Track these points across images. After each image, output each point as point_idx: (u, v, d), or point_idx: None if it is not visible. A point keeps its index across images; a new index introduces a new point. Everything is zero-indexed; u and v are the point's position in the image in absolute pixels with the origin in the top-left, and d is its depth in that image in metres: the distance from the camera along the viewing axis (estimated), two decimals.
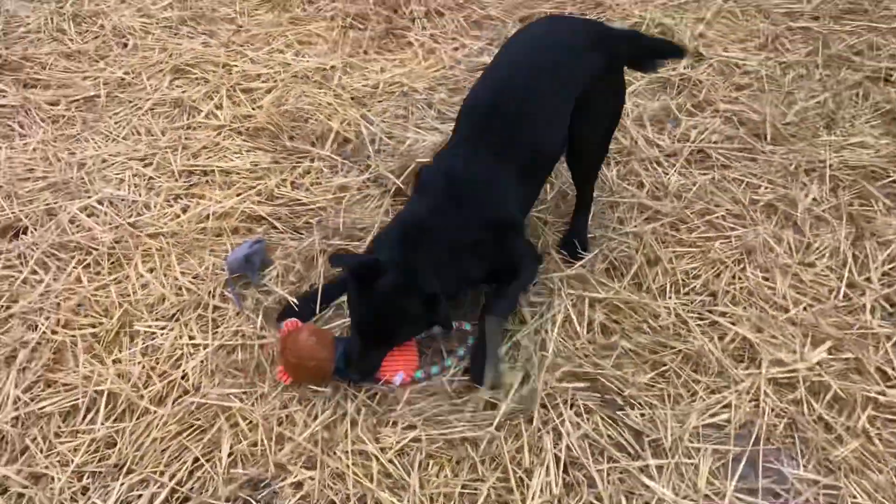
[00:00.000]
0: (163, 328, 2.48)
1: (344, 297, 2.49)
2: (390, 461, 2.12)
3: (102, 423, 2.23)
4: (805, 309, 2.47)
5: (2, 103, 3.34)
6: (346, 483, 2.07)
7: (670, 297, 2.51)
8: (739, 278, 2.57)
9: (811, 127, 3.08)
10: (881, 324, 2.42)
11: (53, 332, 2.46)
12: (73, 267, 2.67)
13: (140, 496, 2.07)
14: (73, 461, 2.14)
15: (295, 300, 2.47)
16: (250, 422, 2.22)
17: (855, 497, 2.03)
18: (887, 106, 3.13)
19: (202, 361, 2.38)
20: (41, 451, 2.17)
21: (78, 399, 2.27)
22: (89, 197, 2.91)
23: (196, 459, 2.14)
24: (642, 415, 2.21)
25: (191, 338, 2.45)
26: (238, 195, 2.91)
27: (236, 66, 3.52)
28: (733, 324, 2.43)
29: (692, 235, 2.71)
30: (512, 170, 2.35)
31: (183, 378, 2.34)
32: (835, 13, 3.63)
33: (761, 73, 3.33)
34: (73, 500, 2.07)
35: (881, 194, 2.81)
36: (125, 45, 3.68)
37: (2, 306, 2.54)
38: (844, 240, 2.66)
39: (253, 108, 3.29)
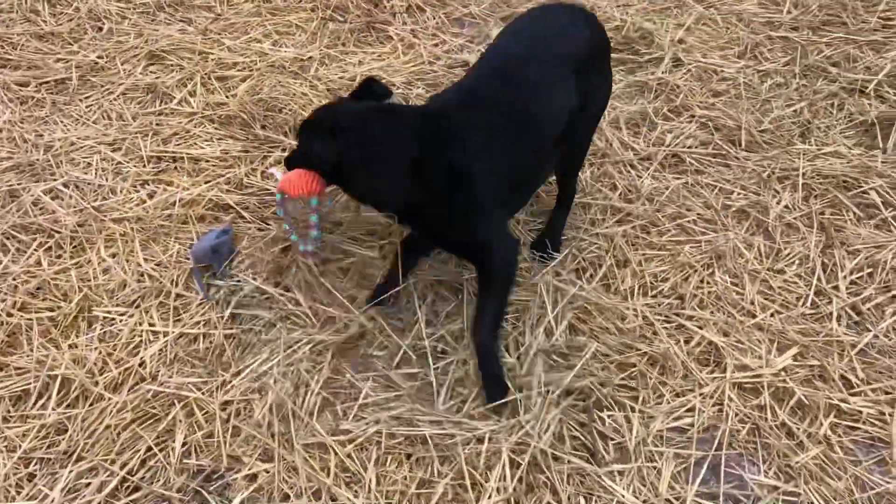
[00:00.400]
0: (122, 314, 2.43)
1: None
2: (348, 456, 2.08)
3: (54, 409, 2.18)
4: (772, 315, 2.46)
5: None
6: (301, 476, 2.03)
7: (638, 300, 2.49)
8: (708, 283, 2.56)
9: (786, 135, 3.08)
10: (846, 332, 2.41)
11: (9, 315, 2.41)
12: (34, 249, 2.61)
13: (88, 484, 2.02)
14: (20, 447, 2.09)
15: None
16: (207, 412, 2.18)
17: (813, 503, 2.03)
18: (861, 117, 3.13)
19: (161, 349, 2.34)
20: None
21: (30, 383, 2.22)
22: (55, 179, 2.86)
23: (149, 448, 2.10)
24: (610, 416, 2.19)
25: (151, 325, 2.41)
26: (206, 182, 2.86)
27: (212, 53, 3.47)
28: (700, 327, 2.42)
29: (662, 239, 2.69)
30: (499, 143, 2.21)
31: (140, 365, 2.30)
32: (814, 24, 3.64)
33: (739, 81, 3.33)
34: (19, 486, 2.02)
35: (852, 204, 2.81)
36: (100, 29, 3.62)
37: None
38: (814, 248, 2.66)
39: (227, 97, 3.24)
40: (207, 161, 2.95)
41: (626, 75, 3.37)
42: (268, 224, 2.71)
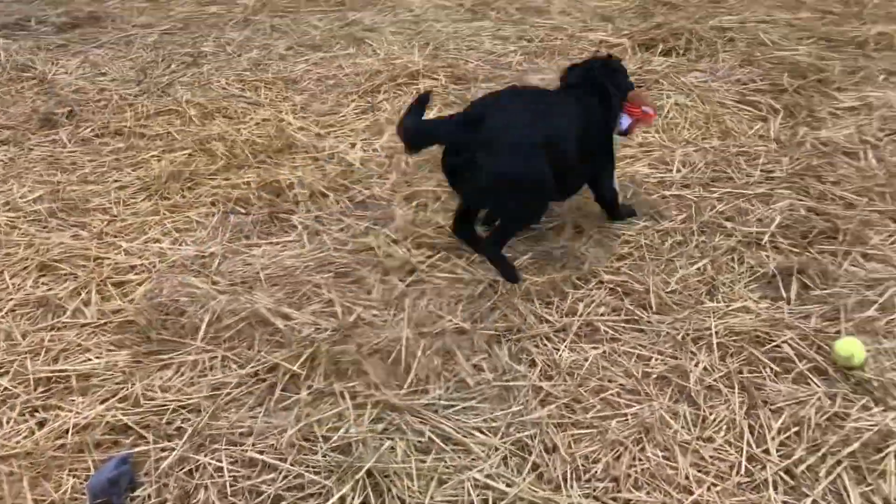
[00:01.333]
0: None
1: None
2: None
3: None
4: (709, 489, 2.38)
5: None
6: None
7: (572, 487, 2.38)
8: (640, 459, 2.48)
9: (693, 294, 3.12)
10: (785, 499, 2.34)
11: None
12: None
13: None
14: None
15: None
16: None
17: None
18: (762, 269, 3.22)
19: None
20: None
21: None
22: None
23: None
24: None
25: None
26: (102, 402, 2.66)
27: (108, 258, 3.35)
28: None
29: (588, 416, 2.62)
30: None
31: None
32: (703, 181, 3.81)
33: (641, 242, 3.40)
34: None
35: (767, 359, 2.82)
36: None
37: None
38: (739, 410, 2.63)
39: (123, 303, 3.10)
40: (102, 377, 2.76)
41: (533, 245, 3.40)
42: (171, 443, 2.51)
